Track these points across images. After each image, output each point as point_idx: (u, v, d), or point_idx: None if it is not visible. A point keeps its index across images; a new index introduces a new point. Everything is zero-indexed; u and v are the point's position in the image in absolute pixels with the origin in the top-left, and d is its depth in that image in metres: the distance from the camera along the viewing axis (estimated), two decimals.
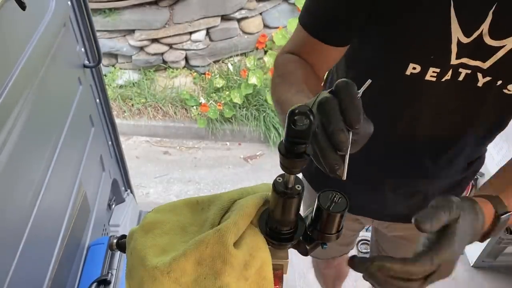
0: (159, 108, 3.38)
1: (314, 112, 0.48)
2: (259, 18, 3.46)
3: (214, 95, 3.37)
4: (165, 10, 3.24)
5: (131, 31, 3.26)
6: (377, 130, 0.87)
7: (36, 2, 1.15)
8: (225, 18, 3.37)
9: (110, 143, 1.79)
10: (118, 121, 2.73)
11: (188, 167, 3.09)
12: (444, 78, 0.73)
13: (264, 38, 3.45)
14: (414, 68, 0.72)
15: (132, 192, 2.07)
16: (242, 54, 3.53)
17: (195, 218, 0.63)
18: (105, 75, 3.16)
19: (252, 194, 0.60)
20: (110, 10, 3.17)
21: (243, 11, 3.35)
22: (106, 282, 1.34)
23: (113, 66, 3.46)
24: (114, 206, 1.89)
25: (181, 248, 0.56)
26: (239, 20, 3.41)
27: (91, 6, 3.02)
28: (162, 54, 3.41)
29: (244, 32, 3.47)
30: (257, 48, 3.51)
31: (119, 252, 1.22)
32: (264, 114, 3.25)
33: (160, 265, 0.55)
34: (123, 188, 1.98)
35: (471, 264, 2.10)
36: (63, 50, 1.31)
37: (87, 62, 1.52)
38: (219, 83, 3.37)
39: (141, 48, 3.36)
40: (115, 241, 0.69)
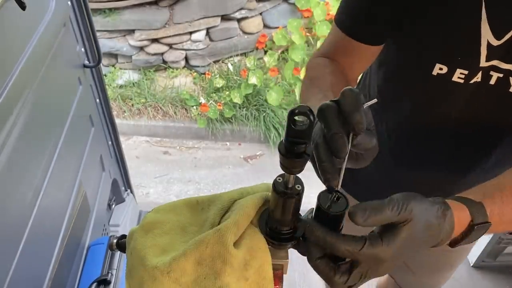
0: (159, 108, 3.38)
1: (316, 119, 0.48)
2: (259, 18, 3.46)
3: (214, 95, 3.37)
4: (165, 10, 3.24)
5: (131, 31, 3.26)
6: (402, 128, 0.87)
7: (36, 2, 1.15)
8: (225, 18, 3.37)
9: (110, 143, 1.79)
10: (118, 121, 2.73)
11: (188, 167, 3.09)
12: (473, 80, 0.71)
13: (264, 38, 3.45)
14: (440, 69, 0.71)
15: (132, 192, 2.07)
16: (242, 54, 3.53)
17: (195, 218, 0.63)
18: (105, 75, 3.15)
19: (252, 194, 0.60)
20: (110, 10, 3.17)
21: (243, 11, 3.35)
22: (106, 282, 1.34)
23: (113, 66, 3.46)
24: (114, 206, 1.89)
25: (181, 248, 0.56)
26: (239, 20, 3.41)
27: (91, 6, 3.01)
28: (162, 54, 3.41)
29: (244, 32, 3.47)
30: (257, 48, 3.51)
31: (119, 252, 1.22)
32: (264, 114, 3.25)
33: (160, 265, 0.55)
34: (123, 188, 1.98)
35: (471, 264, 2.10)
36: (63, 50, 1.31)
37: (87, 62, 1.52)
38: (219, 83, 3.37)
39: (141, 48, 3.36)
40: (115, 241, 0.69)
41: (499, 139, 0.80)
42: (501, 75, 0.69)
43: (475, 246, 2.02)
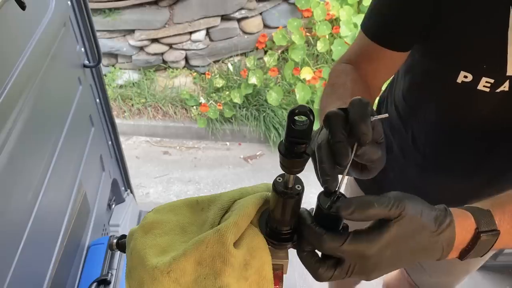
0: (159, 108, 3.38)
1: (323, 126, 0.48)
2: (259, 18, 3.46)
3: (214, 95, 3.37)
4: (165, 10, 3.24)
5: (131, 31, 3.26)
6: (427, 136, 0.86)
7: (36, 2, 1.15)
8: (225, 18, 3.37)
9: (110, 143, 1.79)
10: (118, 121, 2.73)
11: (188, 167, 3.09)
12: (499, 89, 0.70)
13: (264, 38, 3.45)
14: (465, 77, 0.70)
15: (132, 192, 2.07)
16: (242, 54, 3.53)
17: (195, 218, 0.63)
18: (105, 75, 3.16)
19: (252, 194, 0.60)
20: (110, 10, 3.17)
21: (243, 11, 3.35)
22: (106, 282, 1.34)
23: (113, 66, 3.46)
24: (114, 206, 1.89)
25: (181, 248, 0.56)
26: (239, 20, 3.41)
27: (91, 6, 3.02)
28: (162, 54, 3.41)
29: (244, 32, 3.47)
30: (257, 48, 3.51)
31: (119, 252, 1.22)
32: (264, 114, 3.25)
33: (160, 265, 0.55)
34: (123, 188, 1.98)
35: None
36: (63, 50, 1.31)
37: (87, 62, 1.52)
38: (219, 83, 3.37)
39: (141, 48, 3.36)
40: (115, 241, 0.69)
41: None
42: None
43: None
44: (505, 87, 0.69)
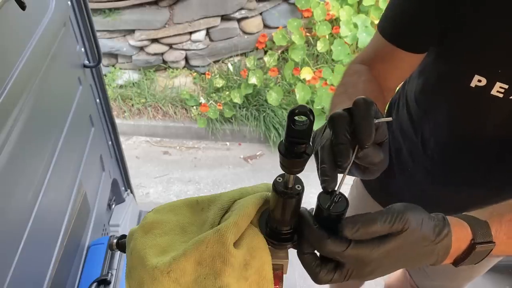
0: (159, 108, 3.38)
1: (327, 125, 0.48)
2: (259, 18, 3.46)
3: (214, 95, 3.37)
4: (165, 10, 3.24)
5: (131, 31, 3.26)
6: (437, 140, 0.86)
7: (36, 2, 1.15)
8: (225, 18, 3.37)
9: (110, 143, 1.79)
10: (118, 121, 2.73)
11: (188, 167, 3.09)
12: None
13: (264, 38, 3.45)
14: (479, 81, 0.70)
15: (132, 192, 2.07)
16: (242, 54, 3.53)
17: (195, 218, 0.63)
18: (105, 75, 3.16)
19: (252, 194, 0.60)
20: (110, 10, 3.17)
21: (243, 11, 3.35)
22: (106, 282, 1.34)
23: (113, 66, 3.46)
24: (114, 206, 1.89)
25: (181, 248, 0.56)
26: (239, 20, 3.41)
27: (91, 6, 3.02)
28: (162, 54, 3.41)
29: (244, 32, 3.47)
30: (257, 48, 3.51)
31: (119, 252, 1.22)
32: (264, 114, 3.25)
33: (160, 265, 0.55)
34: (123, 188, 1.98)
35: None
36: (63, 50, 1.31)
37: (87, 62, 1.52)
38: (219, 83, 3.37)
39: (141, 48, 3.36)
40: (115, 241, 0.69)
41: None
42: None
43: None
44: None
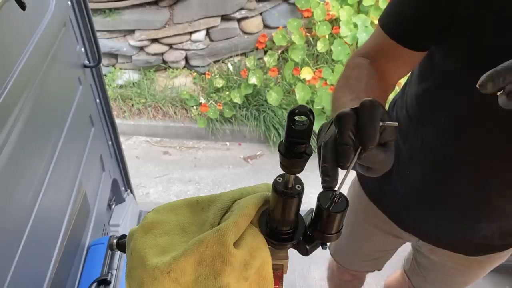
0: (159, 108, 3.38)
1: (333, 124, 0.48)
2: (259, 18, 3.46)
3: (214, 95, 3.37)
4: (165, 10, 3.24)
5: (131, 31, 3.26)
6: (438, 144, 0.85)
7: (36, 2, 1.15)
8: (225, 18, 3.37)
9: (110, 143, 1.79)
10: (118, 121, 2.73)
11: (188, 167, 3.09)
12: None
13: (264, 38, 3.45)
14: None
15: (132, 192, 2.07)
16: (242, 54, 3.53)
17: (195, 218, 0.63)
18: (105, 75, 3.16)
19: (252, 194, 0.60)
20: (110, 10, 3.17)
21: (243, 11, 3.35)
22: (106, 282, 1.34)
23: (113, 66, 3.46)
24: (114, 206, 1.89)
25: (181, 248, 0.56)
26: (239, 20, 3.41)
27: (91, 6, 3.02)
28: (162, 54, 3.41)
29: (244, 32, 3.47)
30: (257, 48, 3.51)
31: (119, 252, 1.22)
32: (264, 114, 3.25)
33: (160, 265, 0.55)
34: (123, 188, 1.98)
35: None
36: (63, 50, 1.31)
37: (87, 62, 1.52)
38: (219, 83, 3.37)
39: (141, 48, 3.36)
40: (115, 241, 0.69)
41: None
42: None
43: None
44: None
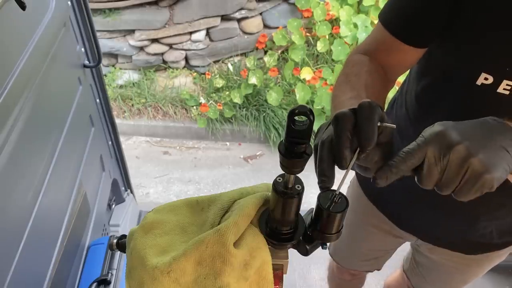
0: (159, 108, 3.38)
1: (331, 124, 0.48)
2: (259, 18, 3.46)
3: (214, 95, 3.37)
4: (165, 10, 3.24)
5: (131, 31, 3.26)
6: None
7: (36, 2, 1.15)
8: (225, 18, 3.37)
9: (110, 143, 1.79)
10: (118, 121, 2.73)
11: (188, 167, 3.09)
12: None
13: (264, 38, 3.45)
14: (486, 79, 0.68)
15: (132, 192, 2.07)
16: (242, 54, 3.53)
17: (195, 218, 0.63)
18: (105, 75, 3.15)
19: (252, 194, 0.60)
20: (110, 10, 3.17)
21: (243, 11, 3.35)
22: (106, 282, 1.34)
23: (113, 66, 3.46)
24: (114, 206, 1.89)
25: (181, 248, 0.56)
26: (239, 20, 3.41)
27: (91, 6, 3.02)
28: (162, 54, 3.41)
29: (244, 32, 3.47)
30: (257, 48, 3.51)
31: (119, 252, 1.22)
32: (264, 114, 3.25)
33: (160, 265, 0.55)
34: (123, 188, 1.98)
35: None
36: (63, 50, 1.31)
37: (87, 62, 1.52)
38: (219, 83, 3.37)
39: (141, 48, 3.36)
40: (115, 241, 0.69)
41: None
42: None
43: None
44: None
